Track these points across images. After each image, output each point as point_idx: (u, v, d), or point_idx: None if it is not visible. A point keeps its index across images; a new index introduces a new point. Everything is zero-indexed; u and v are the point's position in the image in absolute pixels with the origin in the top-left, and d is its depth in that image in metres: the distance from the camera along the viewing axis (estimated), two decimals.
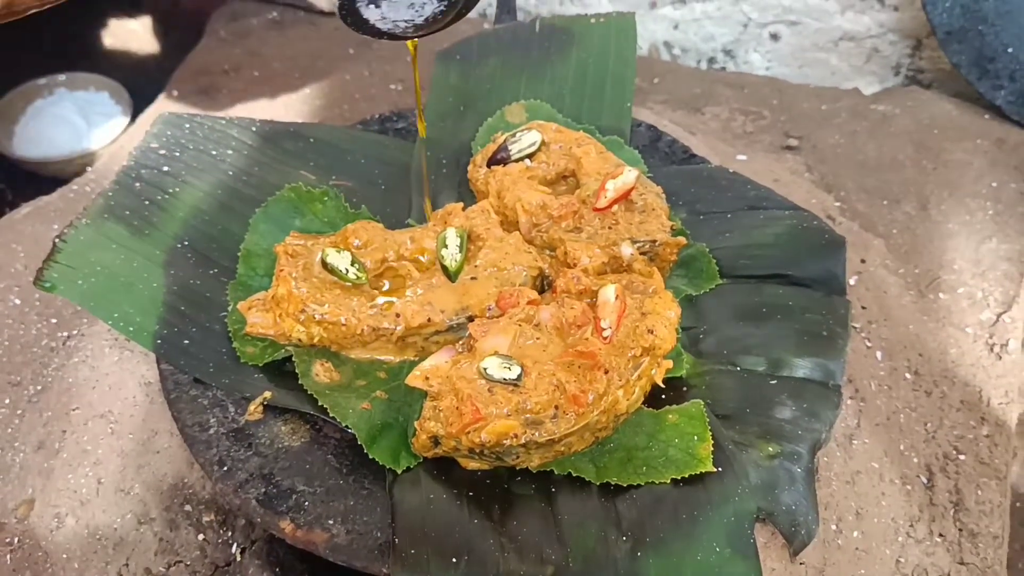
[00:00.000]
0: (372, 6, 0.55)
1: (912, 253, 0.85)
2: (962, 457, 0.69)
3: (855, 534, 0.62)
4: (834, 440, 0.67)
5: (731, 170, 0.78)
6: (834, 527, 0.62)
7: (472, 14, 1.24)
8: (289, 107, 1.03)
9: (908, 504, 0.66)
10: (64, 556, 0.61)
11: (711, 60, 1.21)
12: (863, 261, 0.82)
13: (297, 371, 0.60)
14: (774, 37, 1.17)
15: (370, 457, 0.56)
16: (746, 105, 1.04)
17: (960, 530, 0.66)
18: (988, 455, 0.70)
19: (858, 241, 0.84)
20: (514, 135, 0.73)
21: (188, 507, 0.62)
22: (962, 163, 0.94)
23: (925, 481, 0.68)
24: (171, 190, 0.71)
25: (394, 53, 1.11)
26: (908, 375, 0.74)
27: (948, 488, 0.68)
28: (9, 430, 0.68)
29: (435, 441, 0.56)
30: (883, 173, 0.94)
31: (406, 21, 0.56)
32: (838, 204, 0.90)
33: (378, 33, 0.57)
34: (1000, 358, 0.76)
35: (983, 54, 0.99)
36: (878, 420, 0.70)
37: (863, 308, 0.78)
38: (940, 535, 0.65)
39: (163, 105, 1.05)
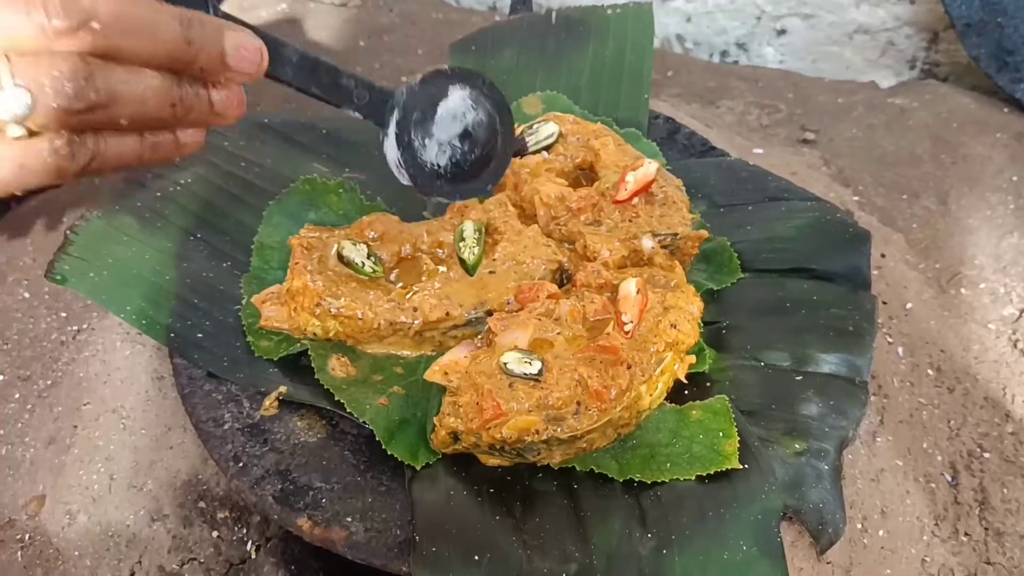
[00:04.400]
0: (441, 181, 0.59)
1: (932, 248, 0.84)
2: (987, 455, 0.68)
3: (880, 533, 0.61)
4: (858, 437, 0.65)
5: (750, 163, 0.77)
6: (859, 526, 0.61)
7: (484, 6, 1.23)
8: (299, 99, 1.01)
9: (933, 503, 0.65)
10: (76, 553, 0.60)
11: (724, 53, 1.20)
12: (883, 256, 0.81)
13: (313, 365, 0.59)
14: (787, 31, 1.16)
15: (388, 453, 0.55)
16: (761, 98, 1.03)
17: (986, 529, 0.65)
18: (1013, 453, 0.68)
19: (877, 236, 0.83)
20: (531, 127, 0.72)
21: (202, 504, 0.61)
22: (982, 157, 0.93)
23: (950, 479, 0.67)
24: (183, 182, 0.70)
25: (405, 46, 1.10)
26: (930, 371, 0.73)
27: (973, 486, 0.67)
28: (19, 425, 0.67)
29: (455, 437, 0.55)
30: (901, 167, 0.93)
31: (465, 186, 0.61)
32: (856, 198, 0.89)
33: (449, 195, 0.61)
34: None
35: (1002, 47, 0.98)
36: (901, 417, 0.69)
37: (884, 303, 0.77)
38: (966, 534, 0.64)
39: None
